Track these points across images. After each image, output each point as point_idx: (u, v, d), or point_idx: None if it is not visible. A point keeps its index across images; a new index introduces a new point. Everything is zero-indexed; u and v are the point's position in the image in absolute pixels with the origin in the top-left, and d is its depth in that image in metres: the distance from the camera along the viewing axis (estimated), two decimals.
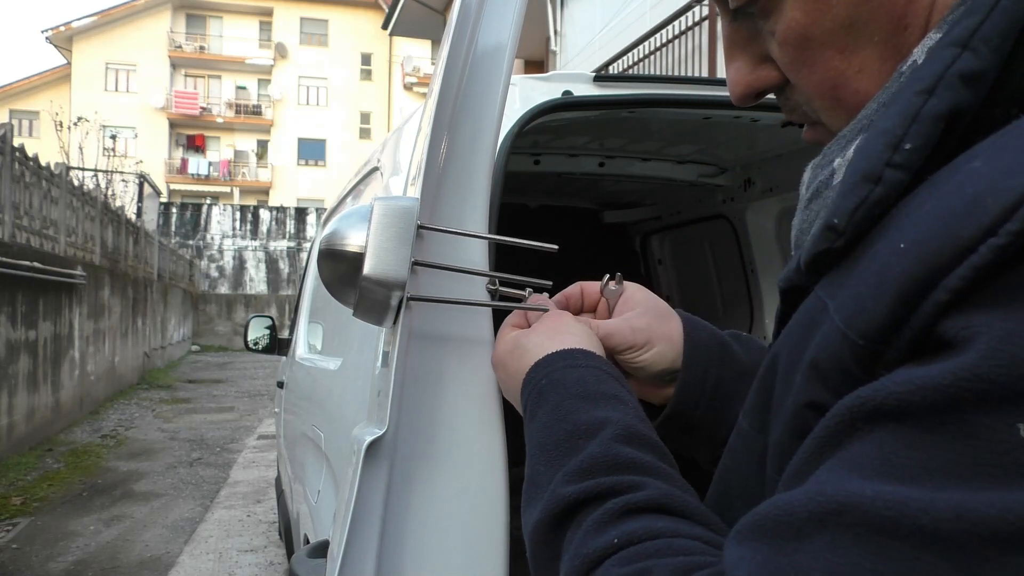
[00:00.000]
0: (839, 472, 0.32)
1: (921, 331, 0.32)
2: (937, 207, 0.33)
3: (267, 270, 21.60)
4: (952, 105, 0.35)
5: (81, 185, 9.51)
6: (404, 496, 0.69)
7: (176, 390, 11.26)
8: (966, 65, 0.35)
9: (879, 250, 0.35)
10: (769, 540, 0.33)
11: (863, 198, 0.37)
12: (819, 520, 0.31)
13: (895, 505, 0.29)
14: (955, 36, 0.36)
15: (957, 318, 0.31)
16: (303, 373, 2.67)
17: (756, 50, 0.49)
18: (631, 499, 0.46)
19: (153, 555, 4.18)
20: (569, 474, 0.50)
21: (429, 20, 12.96)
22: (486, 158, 0.73)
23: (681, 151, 1.94)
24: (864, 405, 0.33)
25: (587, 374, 0.59)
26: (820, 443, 0.35)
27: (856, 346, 0.35)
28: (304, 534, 2.10)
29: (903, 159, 0.36)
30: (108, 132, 15.42)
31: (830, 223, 0.39)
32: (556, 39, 11.05)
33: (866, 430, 0.32)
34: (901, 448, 0.31)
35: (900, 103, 0.37)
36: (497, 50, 0.73)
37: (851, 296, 0.36)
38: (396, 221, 0.63)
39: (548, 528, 0.49)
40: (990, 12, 0.35)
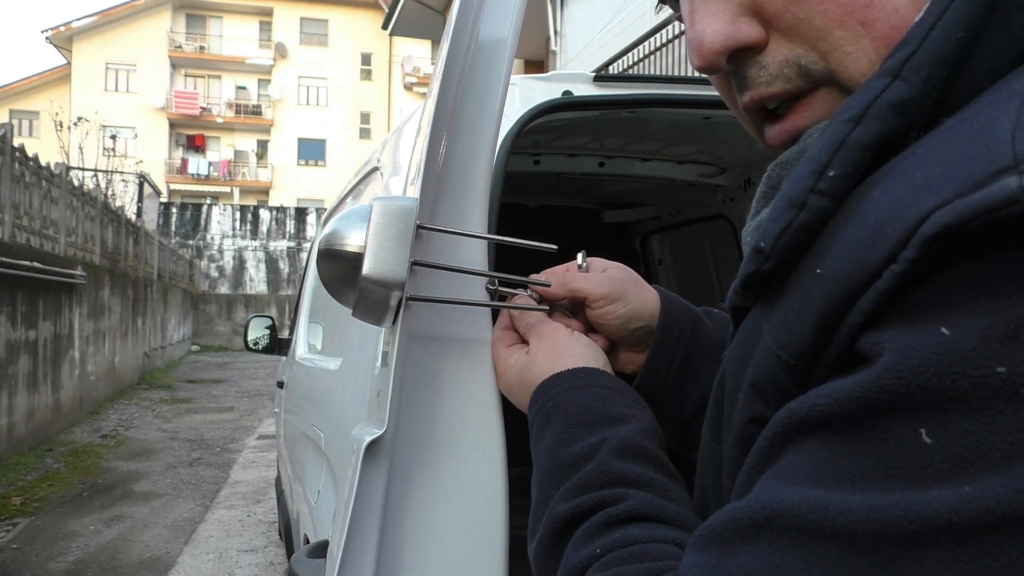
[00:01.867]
0: (776, 481, 0.35)
1: (843, 347, 0.35)
2: (847, 235, 0.35)
3: (267, 270, 21.59)
4: (880, 133, 0.36)
5: (81, 185, 9.51)
6: (403, 496, 0.69)
7: (176, 390, 11.26)
8: (896, 94, 0.36)
9: (802, 275, 0.37)
10: (717, 546, 0.36)
11: (788, 223, 0.38)
12: (758, 526, 0.34)
13: (817, 509, 0.32)
14: (888, 66, 0.37)
15: (870, 335, 0.33)
16: (303, 373, 2.67)
17: None
18: (614, 511, 0.49)
19: (153, 555, 4.18)
20: (566, 492, 0.53)
21: (429, 20, 12.96)
22: (486, 158, 0.73)
23: (681, 151, 1.94)
24: (793, 417, 0.35)
25: (590, 395, 0.60)
26: (761, 455, 0.37)
27: (788, 365, 0.37)
28: (304, 534, 2.10)
29: (827, 186, 0.37)
30: (108, 132, 15.42)
31: (757, 246, 0.40)
32: (556, 39, 11.05)
33: (797, 441, 0.35)
34: (826, 456, 0.33)
35: (829, 131, 0.38)
36: (497, 49, 0.73)
37: (780, 319, 0.38)
38: (395, 221, 0.63)
39: (548, 546, 0.52)
40: (921, 43, 0.36)
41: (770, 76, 0.44)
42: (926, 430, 0.30)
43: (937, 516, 0.29)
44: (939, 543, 0.29)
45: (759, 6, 0.42)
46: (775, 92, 0.44)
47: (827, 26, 0.40)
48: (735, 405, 0.43)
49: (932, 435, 0.30)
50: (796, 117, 0.45)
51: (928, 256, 0.31)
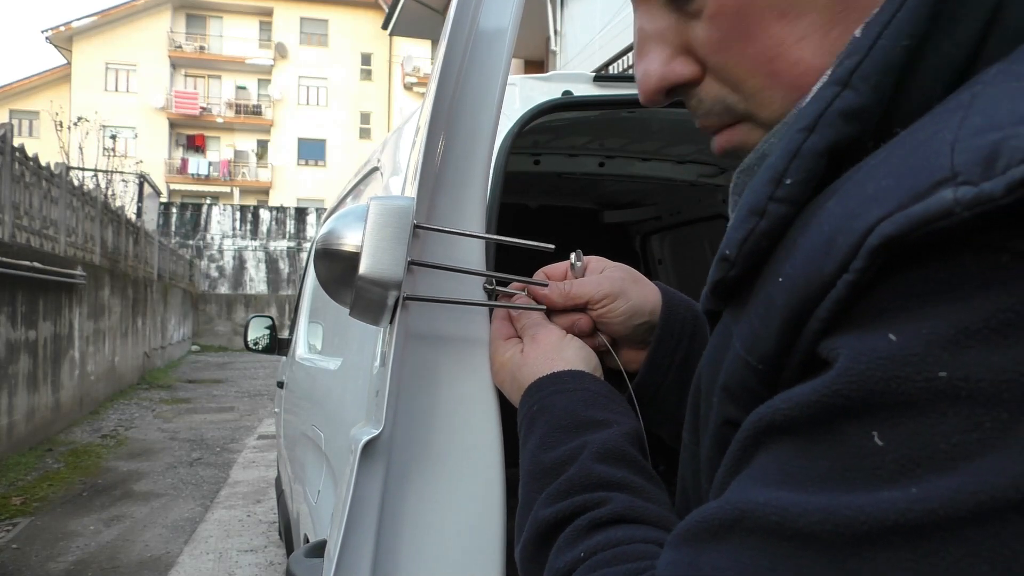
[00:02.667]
0: (746, 483, 0.36)
1: (806, 354, 0.36)
2: (806, 244, 0.36)
3: (267, 270, 21.60)
4: (832, 141, 0.37)
5: (81, 185, 9.51)
6: (400, 495, 0.69)
7: (176, 390, 11.26)
8: (845, 103, 0.37)
9: (766, 281, 0.38)
10: (692, 544, 0.37)
11: (750, 230, 0.39)
12: (728, 526, 0.35)
13: (779, 510, 0.33)
14: (837, 76, 0.38)
15: (828, 340, 0.34)
16: (303, 373, 2.67)
17: (673, 40, 0.47)
18: (596, 514, 0.50)
19: (153, 555, 4.18)
20: (548, 497, 0.54)
21: (429, 20, 12.95)
22: (483, 157, 0.73)
23: (681, 151, 1.94)
24: (761, 421, 0.36)
25: (574, 399, 0.61)
26: (735, 458, 0.38)
27: (756, 370, 0.39)
28: (304, 534, 2.10)
29: (784, 193, 0.38)
30: (108, 132, 15.43)
31: (723, 254, 0.41)
32: (556, 39, 11.05)
33: (765, 444, 0.36)
34: (790, 459, 0.34)
35: (784, 140, 0.39)
36: (496, 48, 0.73)
37: (746, 325, 0.40)
38: (392, 221, 0.63)
39: (532, 550, 0.53)
40: (868, 52, 0.37)
41: (705, 110, 0.48)
42: (878, 432, 0.31)
43: (886, 516, 0.30)
44: (890, 542, 0.29)
45: (692, 49, 0.46)
46: (709, 124, 0.49)
47: (742, 76, 0.44)
48: (710, 408, 0.44)
49: (883, 437, 0.31)
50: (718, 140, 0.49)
51: (875, 266, 0.32)
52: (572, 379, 0.63)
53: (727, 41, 0.44)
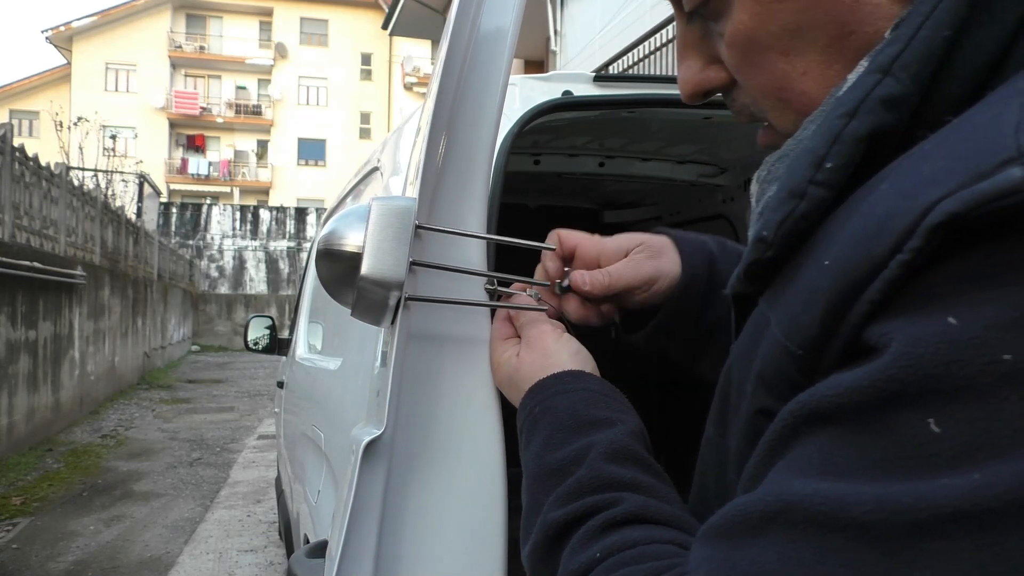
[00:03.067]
0: (785, 473, 0.35)
1: (849, 338, 0.35)
2: (854, 227, 0.36)
3: (267, 270, 21.59)
4: (872, 127, 0.38)
5: (81, 185, 9.51)
6: (402, 496, 0.69)
7: (176, 390, 11.26)
8: (886, 90, 0.38)
9: (808, 267, 0.38)
10: (727, 539, 0.36)
11: (788, 212, 0.40)
12: (769, 518, 0.34)
13: (828, 501, 0.32)
14: (878, 63, 0.39)
15: (876, 326, 0.34)
16: (303, 373, 2.67)
17: (706, 51, 0.51)
18: (610, 514, 0.50)
19: (153, 555, 4.18)
20: (558, 499, 0.53)
21: (429, 20, 12.95)
22: (485, 157, 0.73)
23: (681, 151, 1.94)
24: (803, 410, 0.35)
25: (576, 399, 0.61)
26: (770, 447, 0.37)
27: (796, 356, 0.38)
28: (304, 534, 2.10)
29: (824, 177, 0.39)
30: (108, 132, 15.42)
31: (760, 235, 0.42)
32: (556, 39, 11.05)
33: (806, 433, 0.35)
34: (836, 448, 0.33)
35: (825, 125, 0.40)
36: (496, 49, 0.73)
37: (786, 310, 0.39)
38: (394, 221, 0.63)
39: (542, 553, 0.53)
40: (909, 41, 0.38)
41: (736, 109, 0.52)
42: (934, 419, 0.30)
43: (946, 504, 0.29)
44: (948, 531, 0.29)
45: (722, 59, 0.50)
46: (742, 120, 0.53)
47: (757, 95, 0.49)
48: (742, 397, 0.43)
49: (940, 424, 0.30)
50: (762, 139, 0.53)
51: (933, 245, 0.32)
52: (573, 379, 0.63)
53: (742, 66, 0.48)
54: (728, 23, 0.47)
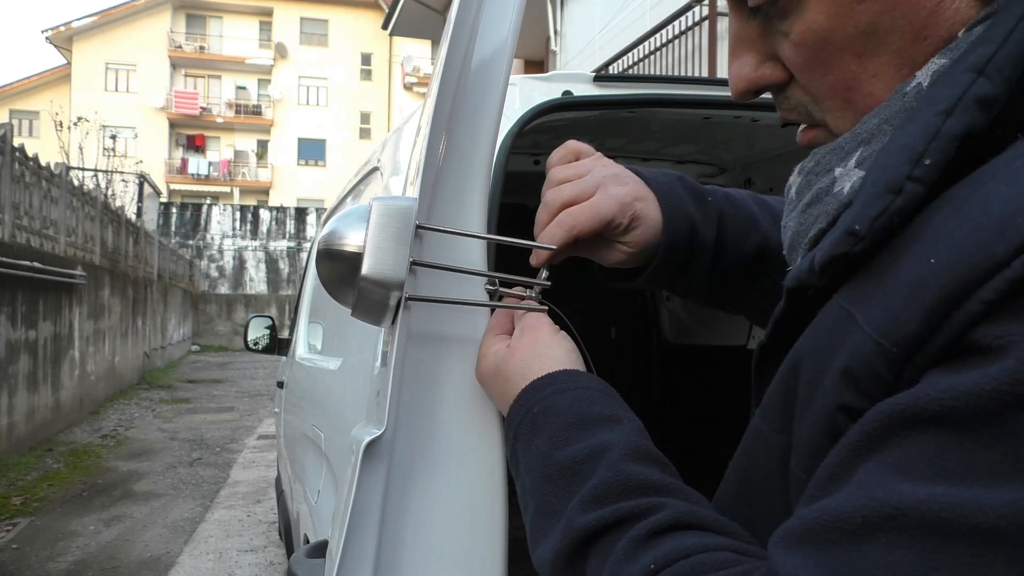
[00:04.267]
0: (884, 476, 0.34)
1: (952, 338, 0.34)
2: (965, 225, 0.35)
3: (267, 270, 21.59)
4: (968, 126, 0.38)
5: (81, 185, 9.51)
6: (402, 496, 0.69)
7: (176, 390, 11.26)
8: (982, 90, 0.38)
9: (907, 264, 0.37)
10: (823, 545, 0.35)
11: (884, 207, 0.39)
12: (875, 524, 0.33)
13: (949, 506, 0.31)
14: (972, 62, 0.39)
15: (991, 327, 0.33)
16: (303, 373, 2.67)
17: (763, 48, 0.50)
18: (655, 521, 0.46)
19: (153, 555, 4.18)
20: (584, 502, 0.50)
21: (429, 20, 12.95)
22: (485, 157, 0.73)
23: (681, 151, 1.94)
24: (904, 412, 0.34)
25: (577, 397, 0.59)
26: (856, 446, 0.36)
27: (889, 353, 0.37)
28: (304, 534, 2.10)
29: (922, 173, 0.38)
30: (108, 132, 15.43)
31: (851, 229, 0.41)
32: (556, 39, 11.05)
33: (905, 435, 0.34)
34: (946, 451, 0.32)
35: (920, 121, 0.40)
36: (497, 49, 0.73)
37: (883, 308, 0.38)
38: (394, 221, 0.63)
39: (567, 558, 0.50)
40: (1004, 42, 0.38)
41: (788, 107, 0.52)
42: None
43: None
44: None
45: (781, 57, 0.49)
46: (791, 119, 0.53)
47: (821, 94, 0.48)
48: (816, 392, 0.42)
49: None
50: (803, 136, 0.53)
51: None
52: (570, 378, 0.61)
53: (809, 65, 0.47)
54: (797, 22, 0.46)
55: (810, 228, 0.48)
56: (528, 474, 0.57)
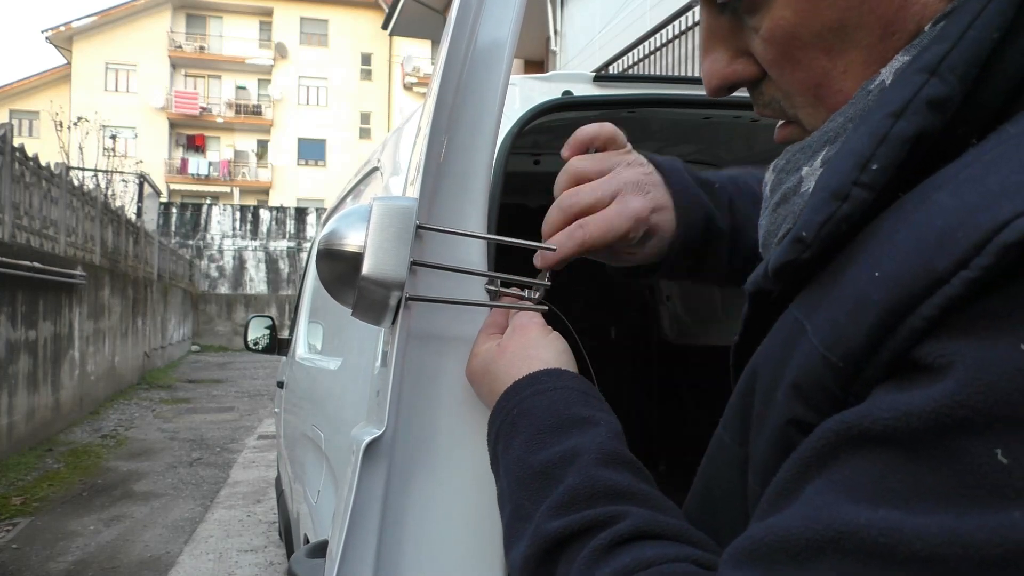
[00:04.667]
0: (830, 495, 0.33)
1: (897, 353, 0.34)
2: (909, 238, 0.34)
3: (267, 270, 21.60)
4: (919, 129, 0.37)
5: (81, 185, 9.51)
6: (403, 496, 0.69)
7: (176, 390, 11.26)
8: (934, 91, 0.37)
9: (853, 276, 0.37)
10: (767, 566, 0.34)
11: (830, 214, 0.39)
12: (817, 547, 0.32)
13: (889, 531, 0.30)
14: (925, 62, 0.38)
15: (933, 344, 0.32)
16: (303, 373, 2.67)
17: (735, 43, 0.49)
18: (617, 531, 0.46)
19: (153, 555, 4.18)
20: (552, 508, 0.50)
21: (429, 20, 12.95)
22: (485, 157, 0.73)
23: (681, 151, 1.94)
24: (850, 430, 0.34)
25: (555, 398, 0.57)
26: (805, 463, 0.36)
27: (836, 367, 0.36)
28: (304, 534, 2.10)
29: (869, 179, 0.38)
30: (108, 132, 15.43)
31: (798, 235, 0.40)
32: (556, 39, 11.05)
33: (852, 454, 0.33)
34: (889, 473, 0.32)
35: (869, 124, 0.39)
36: (497, 49, 0.73)
37: (829, 320, 0.37)
38: (395, 221, 0.63)
39: (536, 564, 0.49)
40: (958, 41, 0.37)
41: (763, 103, 0.51)
42: (1002, 449, 0.29)
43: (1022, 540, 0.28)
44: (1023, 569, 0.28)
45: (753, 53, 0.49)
46: (766, 114, 0.52)
47: (792, 91, 0.48)
48: (770, 405, 0.42)
49: (1009, 454, 0.29)
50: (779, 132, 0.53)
51: (1003, 264, 0.30)
52: (550, 378, 0.60)
53: (779, 62, 0.47)
54: (766, 18, 0.45)
55: (779, 228, 0.48)
56: (506, 477, 0.56)
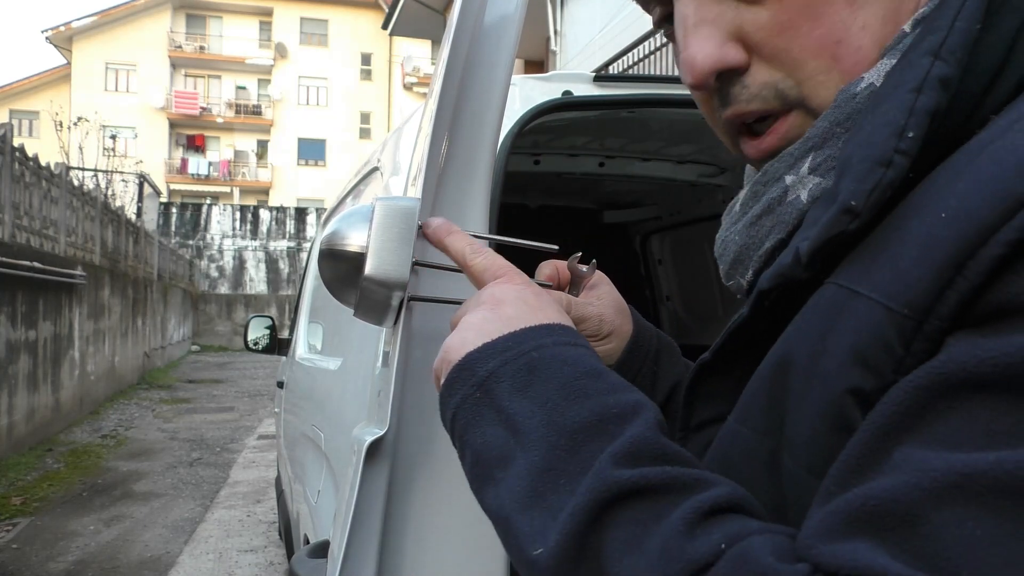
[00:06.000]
0: (930, 451, 0.31)
1: (974, 293, 0.33)
2: (977, 179, 0.34)
3: (267, 270, 21.60)
4: (936, 104, 0.39)
5: (81, 185, 9.51)
6: (405, 496, 0.69)
7: (176, 390, 11.26)
8: (941, 71, 0.39)
9: (915, 227, 0.37)
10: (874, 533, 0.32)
11: (877, 181, 0.39)
12: (936, 498, 0.30)
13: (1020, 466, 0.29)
14: (926, 48, 0.40)
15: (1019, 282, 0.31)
16: (303, 373, 2.67)
17: (726, 25, 0.47)
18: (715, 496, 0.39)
19: (153, 555, 4.18)
20: (618, 456, 0.41)
21: (429, 20, 12.95)
22: (486, 158, 0.73)
23: (681, 151, 1.94)
24: (948, 379, 0.32)
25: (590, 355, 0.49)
26: (884, 429, 0.34)
27: (900, 318, 0.35)
28: (304, 534, 2.10)
29: (907, 146, 0.39)
30: (108, 132, 15.44)
31: (847, 205, 0.40)
32: (556, 39, 11.05)
33: (948, 406, 0.32)
34: (1003, 416, 0.30)
35: (895, 99, 0.40)
36: (498, 49, 0.73)
37: (890, 271, 0.37)
38: (397, 221, 0.63)
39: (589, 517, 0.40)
40: (950, 30, 0.40)
41: (751, 95, 0.48)
42: None
43: None
44: None
45: (744, 34, 0.47)
46: (753, 110, 0.48)
47: (803, 57, 0.45)
48: (813, 382, 0.40)
49: None
50: (771, 138, 0.49)
51: None
52: (574, 336, 0.51)
53: (794, 22, 0.45)
54: None
55: (763, 240, 0.47)
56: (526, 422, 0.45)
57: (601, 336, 0.70)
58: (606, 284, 0.74)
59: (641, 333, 0.73)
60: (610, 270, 0.78)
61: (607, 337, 0.70)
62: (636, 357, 0.72)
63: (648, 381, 0.72)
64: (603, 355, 0.70)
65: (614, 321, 0.71)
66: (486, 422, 0.47)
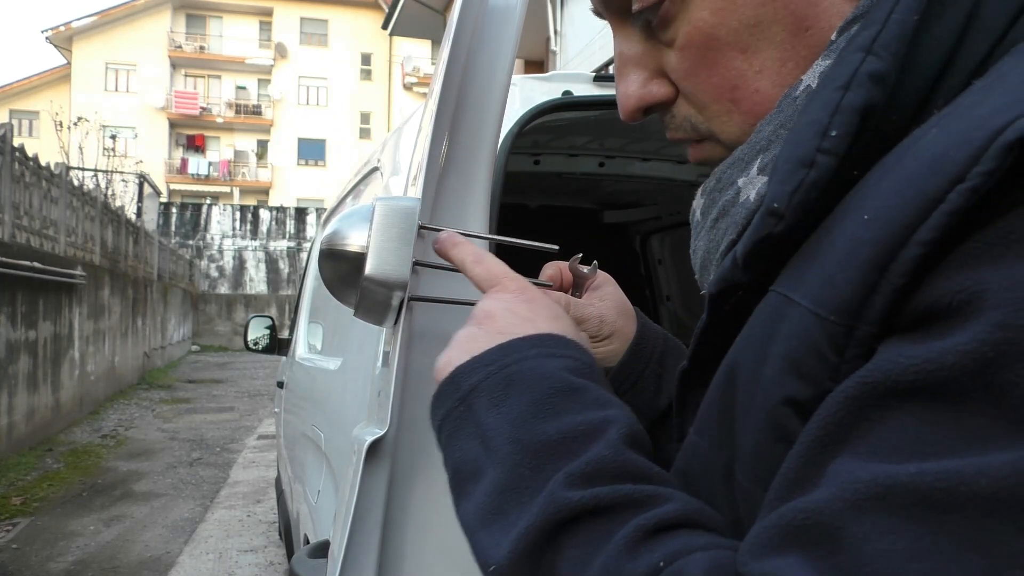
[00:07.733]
0: (862, 462, 0.31)
1: (898, 296, 0.32)
2: (897, 178, 0.34)
3: (267, 270, 21.60)
4: (866, 100, 0.38)
5: (81, 185, 9.51)
6: (405, 496, 0.69)
7: (176, 390, 11.26)
8: (872, 67, 0.39)
9: (841, 230, 0.36)
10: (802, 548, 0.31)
11: (800, 181, 0.39)
12: (859, 509, 0.30)
13: (945, 476, 0.28)
14: (858, 44, 0.40)
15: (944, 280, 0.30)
16: (303, 373, 2.67)
17: (649, 64, 0.51)
18: (662, 512, 0.39)
19: (153, 555, 4.18)
20: (573, 476, 0.42)
21: (429, 20, 12.95)
22: (487, 158, 0.73)
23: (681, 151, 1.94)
24: (875, 388, 0.31)
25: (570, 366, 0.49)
26: (819, 442, 0.33)
27: (828, 325, 0.35)
28: (304, 534, 2.10)
29: (830, 145, 0.38)
30: (108, 132, 15.45)
31: (769, 208, 0.40)
32: (556, 39, 11.05)
33: (879, 416, 0.31)
34: (928, 425, 0.30)
35: (821, 99, 0.40)
36: (498, 49, 0.73)
37: (818, 277, 0.36)
38: (398, 221, 0.63)
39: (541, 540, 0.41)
40: (885, 23, 0.39)
41: (675, 125, 0.52)
42: None
43: None
44: None
45: (666, 72, 0.50)
46: (678, 137, 0.53)
47: (706, 100, 0.48)
48: (755, 391, 0.39)
49: None
50: (693, 153, 0.54)
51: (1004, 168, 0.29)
52: (557, 345, 0.51)
53: (695, 68, 0.48)
54: (683, 24, 0.47)
55: (720, 241, 0.47)
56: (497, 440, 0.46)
57: (602, 337, 0.70)
58: (611, 285, 0.74)
59: (645, 334, 0.72)
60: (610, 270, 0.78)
61: (608, 338, 0.70)
62: (639, 358, 0.71)
63: (652, 383, 0.71)
64: (604, 356, 0.70)
65: (615, 322, 0.71)
66: (465, 436, 0.48)
